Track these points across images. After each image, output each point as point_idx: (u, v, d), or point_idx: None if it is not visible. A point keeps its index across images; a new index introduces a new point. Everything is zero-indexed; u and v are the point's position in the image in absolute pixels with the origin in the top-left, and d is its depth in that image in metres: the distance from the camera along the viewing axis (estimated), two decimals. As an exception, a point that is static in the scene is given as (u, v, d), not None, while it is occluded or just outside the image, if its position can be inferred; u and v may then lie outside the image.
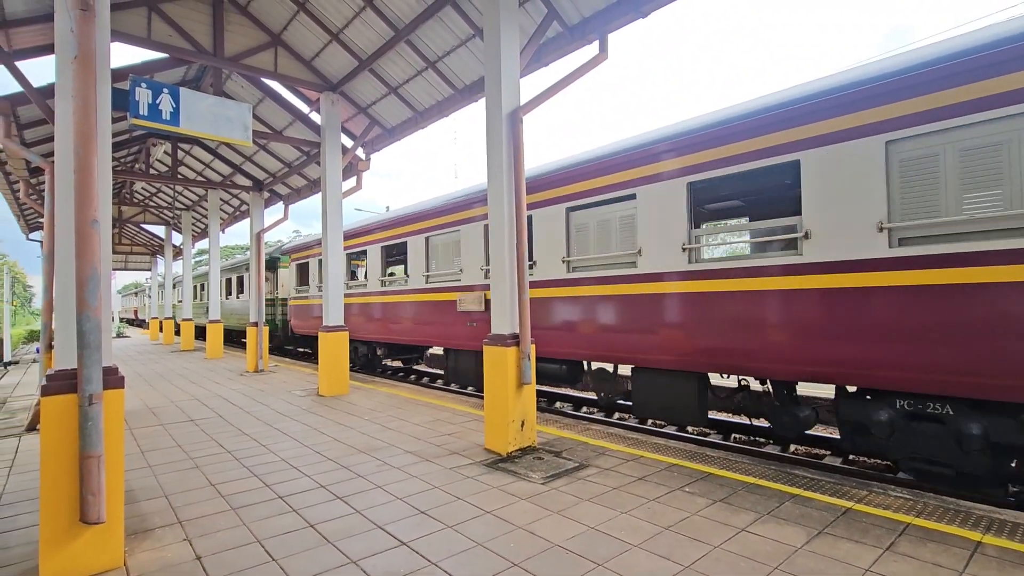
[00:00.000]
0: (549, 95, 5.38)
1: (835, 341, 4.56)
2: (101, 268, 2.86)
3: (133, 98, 5.77)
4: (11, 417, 7.28)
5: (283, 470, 4.52)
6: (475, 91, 7.22)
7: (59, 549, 2.76)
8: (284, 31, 7.89)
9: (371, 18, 6.95)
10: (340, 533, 3.25)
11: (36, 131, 8.57)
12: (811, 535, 3.09)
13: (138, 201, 17.69)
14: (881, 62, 4.55)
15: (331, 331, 8.24)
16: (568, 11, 5.60)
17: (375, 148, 9.41)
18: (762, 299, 5.05)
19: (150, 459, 4.96)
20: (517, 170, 5.04)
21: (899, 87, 4.25)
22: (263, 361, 11.69)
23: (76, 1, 2.91)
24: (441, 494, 3.87)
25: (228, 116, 6.58)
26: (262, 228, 12.58)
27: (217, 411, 7.19)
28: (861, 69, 4.65)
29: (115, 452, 2.94)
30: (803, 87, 4.98)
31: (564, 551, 2.97)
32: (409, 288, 9.91)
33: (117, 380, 2.98)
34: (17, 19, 5.87)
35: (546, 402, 9.09)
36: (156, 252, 25.69)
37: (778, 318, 4.92)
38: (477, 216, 8.28)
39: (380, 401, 7.55)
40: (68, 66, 2.99)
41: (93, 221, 2.83)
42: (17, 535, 3.37)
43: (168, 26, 7.11)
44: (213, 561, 2.93)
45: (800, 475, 4.16)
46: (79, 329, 2.77)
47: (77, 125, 2.85)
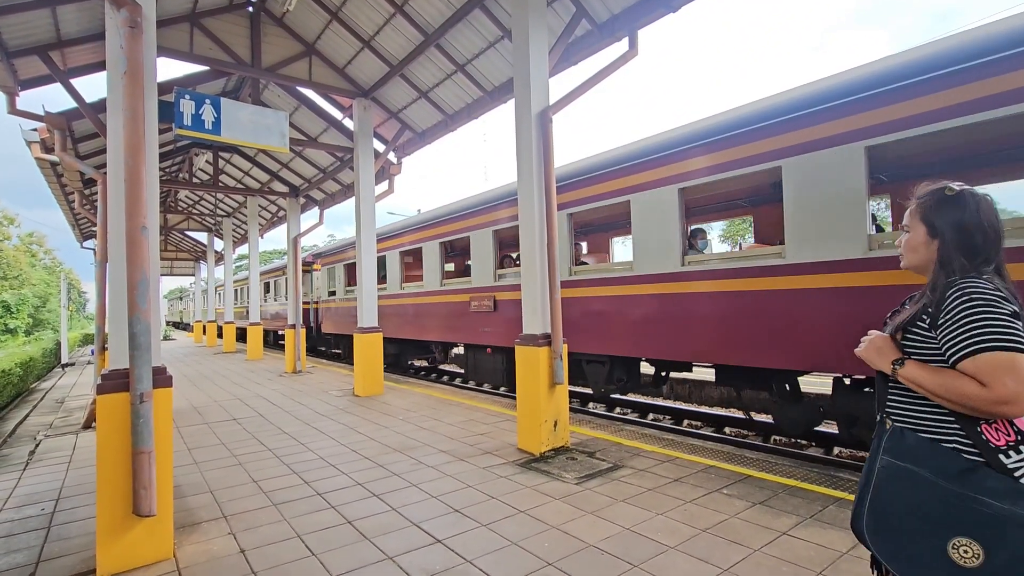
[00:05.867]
0: (578, 94, 5.36)
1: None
2: (150, 272, 3.00)
3: (178, 109, 6.01)
4: (68, 416, 7.68)
5: (321, 468, 4.63)
6: (504, 93, 7.25)
7: (114, 540, 2.90)
8: (318, 40, 8.09)
9: (401, 24, 7.06)
10: (377, 530, 3.30)
11: (89, 144, 9.04)
12: (856, 540, 2.98)
13: (182, 209, 18.43)
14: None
15: (366, 332, 8.40)
16: (597, 9, 5.56)
17: (406, 152, 9.56)
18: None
19: (196, 456, 5.15)
20: (547, 170, 5.03)
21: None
22: (301, 363, 12.01)
23: (125, 19, 3.06)
24: (475, 493, 3.90)
25: (266, 124, 6.79)
26: (299, 232, 12.92)
27: (258, 410, 7.42)
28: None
29: (164, 448, 3.07)
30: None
31: (599, 552, 2.95)
32: (426, 291, 10.26)
33: (165, 379, 3.11)
34: (71, 39, 6.20)
35: (579, 403, 9.04)
36: (199, 258, 26.72)
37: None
38: (483, 223, 8.58)
39: (414, 401, 7.65)
40: (118, 81, 3.14)
41: (142, 228, 2.97)
42: (76, 526, 3.55)
43: (209, 40, 7.39)
44: (256, 555, 3.03)
45: (844, 478, 4.02)
46: (130, 331, 2.90)
47: (127, 137, 2.99)
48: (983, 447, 1.27)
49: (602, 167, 6.57)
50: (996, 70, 3.71)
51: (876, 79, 4.32)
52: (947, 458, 1.30)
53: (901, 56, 4.36)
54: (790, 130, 4.82)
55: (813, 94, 4.72)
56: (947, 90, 3.92)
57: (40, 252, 45.66)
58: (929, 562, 1.27)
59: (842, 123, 4.47)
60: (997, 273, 1.38)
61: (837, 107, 4.50)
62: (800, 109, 4.76)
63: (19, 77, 6.25)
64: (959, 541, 1.23)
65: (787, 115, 4.84)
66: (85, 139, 8.71)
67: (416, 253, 10.66)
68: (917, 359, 1.40)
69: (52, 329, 29.80)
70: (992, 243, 1.38)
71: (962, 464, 1.28)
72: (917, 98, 4.06)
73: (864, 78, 4.42)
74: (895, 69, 4.27)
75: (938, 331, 1.35)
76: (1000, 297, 1.28)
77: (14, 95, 6.27)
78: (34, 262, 42.90)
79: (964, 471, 1.27)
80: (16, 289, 34.54)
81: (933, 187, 1.50)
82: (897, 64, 4.29)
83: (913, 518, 1.31)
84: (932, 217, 1.46)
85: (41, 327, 33.70)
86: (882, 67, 4.38)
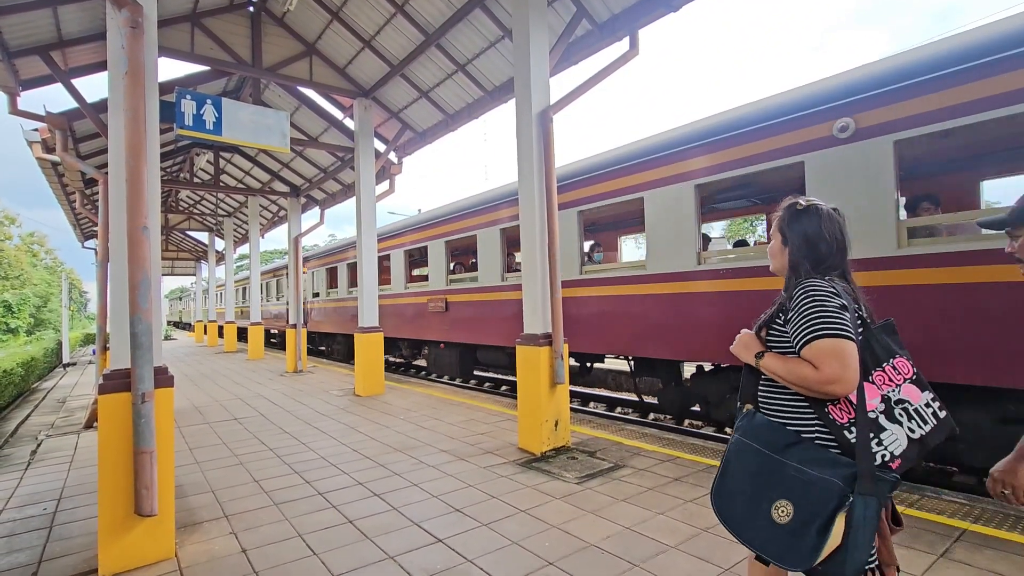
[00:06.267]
0: (579, 93, 5.36)
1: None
2: (151, 272, 3.00)
3: (179, 110, 6.02)
4: (70, 416, 7.70)
5: (322, 467, 4.63)
6: (505, 92, 7.25)
7: (116, 540, 2.90)
8: (318, 40, 8.10)
9: (402, 24, 7.06)
10: (378, 529, 3.31)
11: (90, 144, 9.05)
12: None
13: (183, 209, 18.44)
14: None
15: (366, 332, 8.41)
16: (598, 8, 5.56)
17: (407, 152, 9.56)
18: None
19: (197, 456, 5.16)
20: (548, 170, 5.03)
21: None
22: (302, 362, 12.02)
23: (126, 20, 3.06)
24: (476, 492, 3.90)
25: (267, 124, 6.80)
26: (299, 232, 12.93)
27: (259, 410, 7.43)
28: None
29: (166, 448, 3.08)
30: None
31: (600, 551, 2.95)
32: (394, 293, 11.61)
33: (167, 379, 3.12)
34: (72, 39, 6.21)
35: (579, 402, 9.04)
36: (200, 257, 26.74)
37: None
38: (437, 235, 9.98)
39: (415, 401, 7.65)
40: (120, 81, 3.15)
41: (143, 228, 2.97)
42: (78, 526, 3.56)
43: (210, 40, 7.40)
44: (258, 554, 3.03)
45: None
46: (131, 331, 2.91)
47: (128, 137, 3.00)
48: (831, 425, 1.44)
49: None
50: (766, 133, 4.96)
51: (698, 134, 5.57)
52: (777, 434, 1.51)
53: (702, 121, 5.65)
54: (651, 167, 5.99)
55: (665, 141, 5.91)
56: (735, 147, 5.20)
57: (41, 252, 45.70)
58: (755, 521, 1.46)
59: (680, 166, 5.68)
60: (842, 277, 1.58)
61: (677, 153, 5.74)
62: (660, 151, 5.92)
63: (20, 77, 6.26)
64: (779, 503, 1.42)
65: (650, 155, 6.01)
66: (86, 139, 8.71)
67: (385, 259, 11.77)
68: (777, 351, 1.58)
69: (53, 329, 29.84)
70: (835, 251, 1.58)
71: (789, 438, 1.49)
72: (726, 149, 5.26)
73: (692, 133, 5.64)
74: (702, 130, 5.53)
75: (788, 326, 1.54)
76: (831, 293, 1.47)
77: (15, 95, 6.28)
78: (35, 262, 42.93)
79: (789, 444, 1.48)
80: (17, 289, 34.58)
81: (790, 201, 1.69)
82: (704, 127, 5.54)
83: (747, 485, 1.51)
84: (785, 228, 1.66)
85: (42, 327, 33.73)
86: (694, 128, 5.66)
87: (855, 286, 1.60)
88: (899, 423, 1.45)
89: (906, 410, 1.46)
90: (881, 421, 1.43)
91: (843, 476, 1.37)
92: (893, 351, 1.52)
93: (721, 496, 1.57)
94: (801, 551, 1.37)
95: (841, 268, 1.59)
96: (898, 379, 1.49)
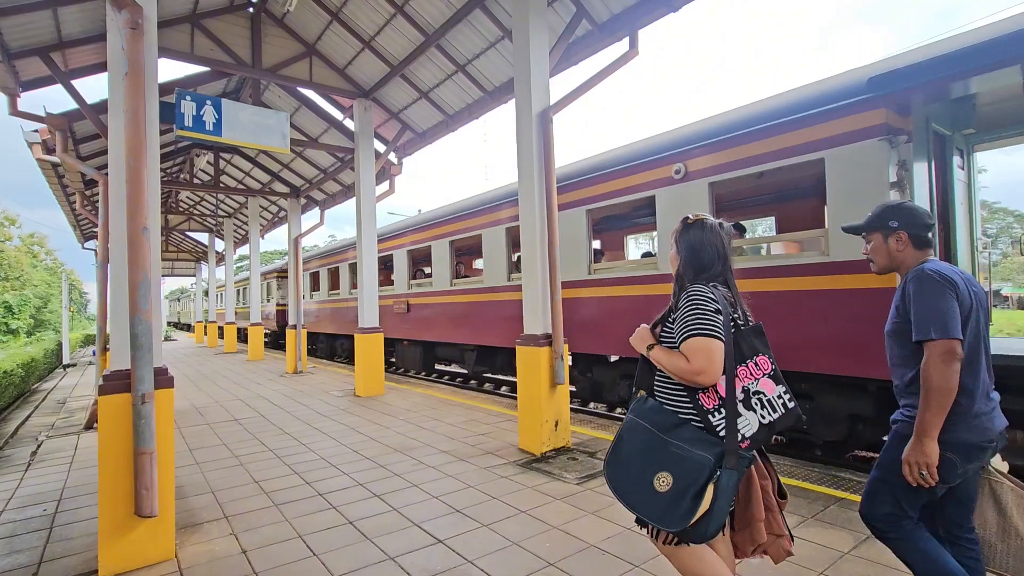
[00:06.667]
0: (579, 94, 5.36)
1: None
2: (151, 273, 3.00)
3: (179, 111, 6.02)
4: (70, 416, 7.70)
5: (322, 468, 4.63)
6: (505, 93, 7.25)
7: (116, 541, 2.90)
8: (318, 41, 8.10)
9: (402, 24, 7.06)
10: (378, 530, 3.31)
11: (90, 145, 9.06)
12: (859, 540, 2.98)
13: (183, 210, 18.44)
14: None
15: (366, 333, 8.41)
16: (598, 9, 5.56)
17: (407, 152, 9.56)
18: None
19: (197, 456, 5.16)
20: (548, 170, 5.03)
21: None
22: (302, 363, 12.02)
23: (126, 21, 3.06)
24: (476, 493, 3.90)
25: (267, 125, 6.80)
26: (299, 233, 12.94)
27: (259, 411, 7.43)
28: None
29: (166, 449, 3.07)
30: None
31: (600, 552, 2.95)
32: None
33: (167, 380, 3.11)
34: (72, 40, 6.21)
35: (579, 403, 9.03)
36: (200, 258, 26.74)
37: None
38: (399, 245, 11.29)
39: (415, 402, 7.65)
40: (119, 82, 3.15)
41: (144, 228, 2.97)
42: (78, 527, 3.56)
43: (210, 41, 7.40)
44: (258, 555, 3.03)
45: (847, 478, 4.02)
46: (131, 332, 2.90)
47: (128, 138, 3.00)
48: (699, 409, 1.71)
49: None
50: (630, 171, 6.25)
51: (592, 167, 6.79)
52: (664, 416, 1.76)
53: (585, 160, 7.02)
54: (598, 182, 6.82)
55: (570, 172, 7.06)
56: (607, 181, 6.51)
57: (41, 253, 45.69)
58: (638, 488, 1.70)
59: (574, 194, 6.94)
60: (724, 283, 1.83)
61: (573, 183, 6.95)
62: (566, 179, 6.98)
63: (20, 78, 6.26)
64: (661, 475, 1.67)
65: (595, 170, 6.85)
66: (86, 140, 8.72)
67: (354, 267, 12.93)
68: (666, 346, 1.81)
69: (53, 330, 29.84)
70: (716, 260, 1.83)
71: (673, 420, 1.73)
72: (611, 180, 6.45)
73: (587, 167, 6.86)
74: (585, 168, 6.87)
75: (675, 324, 1.79)
76: (710, 299, 1.72)
77: (15, 96, 6.28)
78: (35, 263, 42.91)
79: (673, 426, 1.72)
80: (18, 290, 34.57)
81: (685, 217, 1.94)
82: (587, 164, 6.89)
83: (635, 458, 1.75)
84: (677, 238, 1.92)
85: (42, 328, 33.72)
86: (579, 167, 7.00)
87: (736, 292, 1.86)
88: (754, 411, 1.71)
89: (761, 400, 1.73)
90: (739, 408, 1.70)
91: (714, 454, 1.64)
92: (757, 350, 1.78)
93: (612, 465, 1.79)
94: (678, 514, 1.62)
95: (723, 275, 1.84)
96: (758, 373, 1.75)
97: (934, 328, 1.79)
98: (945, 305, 1.80)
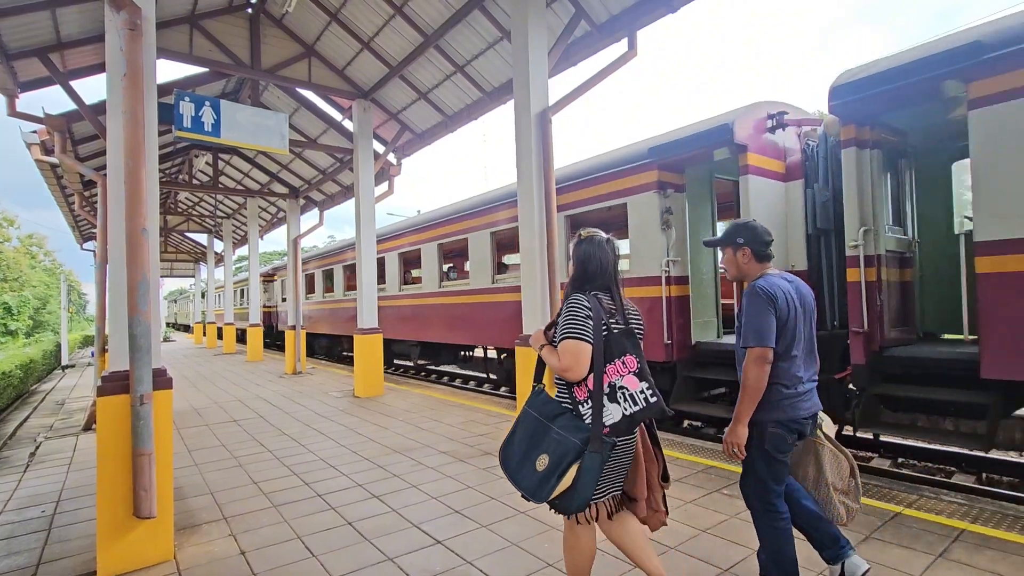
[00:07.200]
0: (578, 94, 5.37)
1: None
2: (150, 274, 3.00)
3: (177, 111, 6.02)
4: (69, 418, 7.69)
5: (321, 469, 4.63)
6: (504, 93, 7.26)
7: (114, 542, 2.90)
8: (317, 41, 8.10)
9: (401, 25, 7.07)
10: (377, 531, 3.31)
11: (89, 146, 9.05)
12: (857, 540, 2.98)
13: (182, 210, 18.43)
14: None
15: (365, 333, 8.40)
16: (596, 9, 5.57)
17: (406, 153, 9.56)
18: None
19: (196, 457, 5.15)
20: (547, 171, 5.04)
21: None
22: (301, 364, 12.00)
23: (125, 21, 3.06)
24: (475, 494, 3.90)
25: (266, 126, 6.80)
26: (299, 234, 12.93)
27: (258, 412, 7.43)
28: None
29: (164, 450, 3.07)
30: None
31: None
32: (335, 299, 14.76)
33: (166, 381, 3.11)
34: (71, 41, 6.20)
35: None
36: (199, 259, 26.70)
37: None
38: (340, 260, 13.72)
39: (414, 402, 7.65)
40: (118, 83, 3.15)
41: (143, 229, 2.97)
42: (77, 528, 3.55)
43: (209, 41, 7.40)
44: (256, 556, 3.03)
45: (844, 478, 4.01)
46: (130, 332, 2.90)
47: (127, 139, 3.00)
48: (573, 400, 2.00)
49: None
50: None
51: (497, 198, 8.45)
52: (550, 406, 2.05)
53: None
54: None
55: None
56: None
57: (40, 254, 45.62)
58: (523, 468, 1.99)
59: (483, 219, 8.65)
60: (607, 292, 2.10)
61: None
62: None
63: (19, 79, 6.26)
64: (541, 456, 1.95)
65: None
66: (85, 141, 8.71)
67: (329, 274, 15.21)
68: (555, 345, 2.07)
69: (52, 331, 29.79)
70: (600, 272, 2.10)
71: (557, 410, 2.02)
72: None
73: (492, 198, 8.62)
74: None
75: (557, 328, 2.08)
76: (584, 307, 2.02)
77: (14, 97, 6.28)
78: (34, 264, 42.85)
79: (556, 414, 2.01)
80: (16, 291, 34.51)
81: (578, 233, 2.20)
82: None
83: (524, 442, 2.04)
84: (571, 252, 2.19)
85: (41, 329, 33.66)
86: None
87: (619, 299, 2.11)
88: (618, 403, 1.96)
89: (624, 394, 1.98)
90: (604, 401, 1.96)
91: (582, 438, 1.91)
92: (626, 350, 2.02)
93: (506, 448, 2.11)
94: (545, 490, 1.91)
95: (607, 285, 2.11)
96: (624, 371, 2.00)
97: (752, 338, 2.19)
98: (763, 319, 2.19)
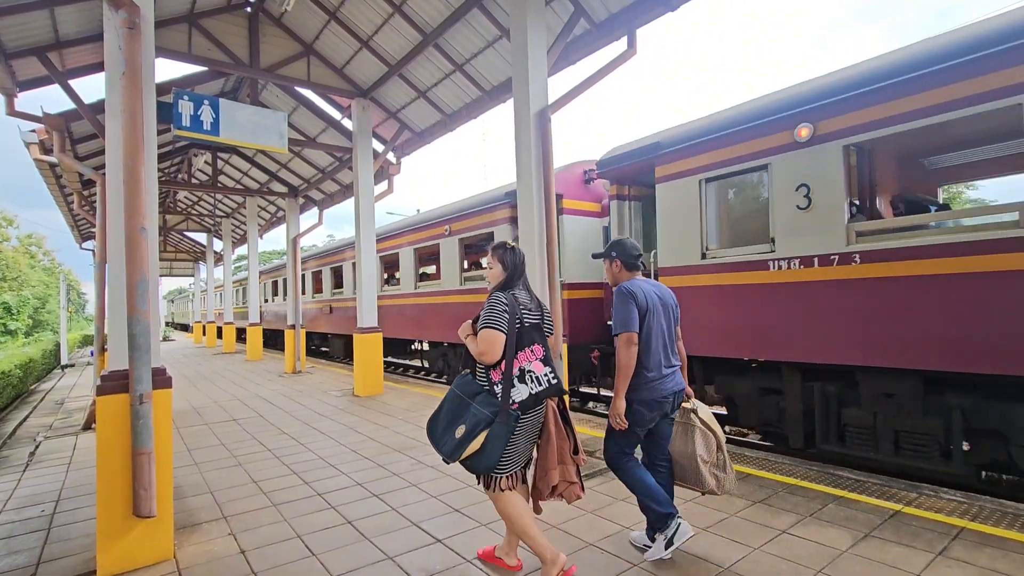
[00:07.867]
0: (577, 93, 5.36)
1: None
2: (149, 273, 2.99)
3: (176, 110, 6.01)
4: (68, 417, 7.68)
5: (321, 468, 4.63)
6: (503, 92, 7.25)
7: (114, 541, 2.90)
8: (316, 40, 8.09)
9: (400, 24, 7.06)
10: (377, 530, 3.31)
11: (88, 145, 9.03)
12: (857, 538, 2.98)
13: (181, 210, 18.41)
14: None
15: (365, 333, 8.40)
16: (596, 8, 5.56)
17: (405, 152, 9.55)
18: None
19: (196, 457, 5.15)
20: (546, 170, 5.03)
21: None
22: (300, 363, 12.00)
23: (124, 20, 3.05)
24: (474, 493, 3.90)
25: (265, 125, 6.79)
26: (298, 233, 12.92)
27: (257, 411, 7.42)
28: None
29: (164, 449, 3.07)
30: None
31: (599, 551, 2.95)
32: (314, 300, 16.37)
33: (165, 380, 3.11)
34: (70, 40, 6.19)
35: (579, 402, 9.04)
36: (198, 258, 26.67)
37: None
38: (319, 265, 15.70)
39: (414, 401, 7.65)
40: (117, 82, 3.14)
41: (141, 228, 2.96)
42: (76, 528, 3.55)
43: (208, 40, 7.38)
44: (256, 555, 3.03)
45: (845, 476, 4.03)
46: (129, 332, 2.90)
47: (125, 138, 2.99)
48: (489, 382, 2.42)
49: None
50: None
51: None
52: (471, 386, 2.48)
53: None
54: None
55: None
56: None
57: (39, 253, 45.57)
58: (445, 437, 2.42)
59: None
60: (525, 288, 2.63)
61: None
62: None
63: (17, 78, 6.24)
64: (460, 427, 2.38)
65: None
66: (84, 140, 8.69)
67: (318, 274, 16.38)
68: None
69: (51, 330, 29.76)
70: (517, 275, 2.60)
71: (476, 389, 2.46)
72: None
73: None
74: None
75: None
76: (501, 301, 2.46)
77: (13, 96, 6.26)
78: (33, 263, 42.81)
79: (475, 392, 2.44)
80: (16, 291, 34.47)
81: (503, 242, 2.68)
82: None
83: (448, 415, 2.46)
84: (500, 257, 2.62)
85: (40, 328, 33.63)
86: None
87: (534, 296, 2.65)
88: (525, 384, 2.42)
89: (531, 376, 2.44)
90: (515, 382, 2.40)
91: (492, 411, 2.36)
92: (534, 340, 2.50)
93: (433, 421, 2.51)
94: (459, 452, 2.36)
95: (524, 284, 2.63)
96: (532, 358, 2.47)
97: (619, 325, 2.70)
98: (627, 311, 2.71)
